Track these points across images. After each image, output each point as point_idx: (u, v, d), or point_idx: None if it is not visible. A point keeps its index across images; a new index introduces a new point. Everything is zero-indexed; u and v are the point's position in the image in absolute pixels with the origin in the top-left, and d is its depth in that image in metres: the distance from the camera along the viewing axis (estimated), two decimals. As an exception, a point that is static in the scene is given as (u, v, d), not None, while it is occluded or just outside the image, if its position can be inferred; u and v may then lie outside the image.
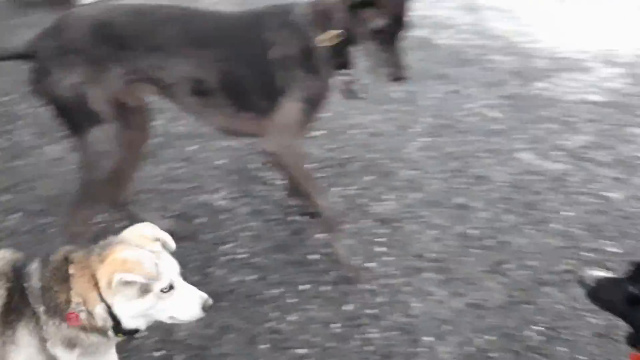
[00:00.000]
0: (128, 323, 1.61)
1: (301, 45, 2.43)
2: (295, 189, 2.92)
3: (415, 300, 2.66)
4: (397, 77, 2.45)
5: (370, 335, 2.48)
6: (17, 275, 1.62)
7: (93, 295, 1.56)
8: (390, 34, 2.39)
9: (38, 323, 1.58)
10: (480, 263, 2.88)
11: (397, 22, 2.38)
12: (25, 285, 1.60)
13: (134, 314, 1.59)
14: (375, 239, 3.04)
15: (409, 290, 2.72)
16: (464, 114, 4.52)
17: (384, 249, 2.97)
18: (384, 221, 3.15)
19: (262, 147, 2.67)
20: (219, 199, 3.33)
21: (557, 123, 4.48)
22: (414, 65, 5.60)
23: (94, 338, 1.61)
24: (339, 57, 2.50)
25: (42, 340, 1.59)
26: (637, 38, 6.97)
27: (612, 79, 5.54)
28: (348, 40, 2.45)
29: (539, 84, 5.31)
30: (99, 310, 1.56)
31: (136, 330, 1.66)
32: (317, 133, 3.90)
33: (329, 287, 2.72)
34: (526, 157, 3.92)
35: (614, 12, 8.35)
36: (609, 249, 3.02)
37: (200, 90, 2.50)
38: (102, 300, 1.56)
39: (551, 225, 3.20)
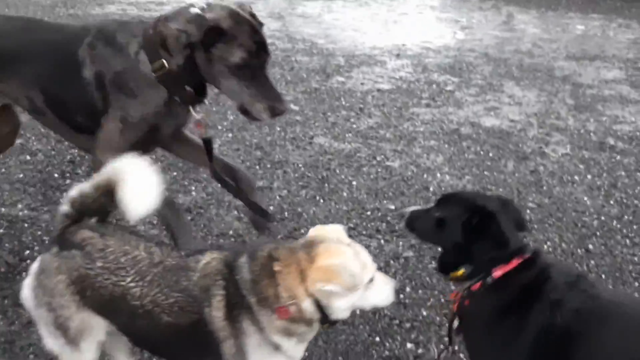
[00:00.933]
0: (337, 315, 1.65)
1: (120, 67, 2.22)
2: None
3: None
4: (279, 110, 2.21)
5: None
6: (229, 270, 1.66)
7: (301, 291, 1.59)
8: (254, 65, 2.14)
9: (253, 313, 1.61)
10: (278, 232, 3.17)
11: (259, 51, 2.14)
12: (237, 277, 1.64)
13: (344, 307, 1.63)
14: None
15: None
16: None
17: (190, 235, 3.15)
18: (188, 209, 3.33)
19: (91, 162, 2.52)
20: (19, 209, 3.28)
21: (351, 110, 4.99)
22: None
23: (302, 328, 1.65)
24: (179, 88, 2.22)
25: (261, 330, 1.62)
26: (421, 34, 7.91)
27: (400, 69, 6.26)
28: (196, 76, 2.21)
29: (338, 79, 5.84)
30: (308, 305, 1.60)
31: (337, 321, 1.70)
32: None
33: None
34: (322, 141, 4.34)
35: (402, 13, 9.37)
36: (388, 206, 3.48)
37: (36, 109, 2.44)
38: (310, 295, 1.59)
39: (340, 194, 3.60)
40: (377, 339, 2.47)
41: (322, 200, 3.52)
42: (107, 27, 2.31)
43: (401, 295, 2.73)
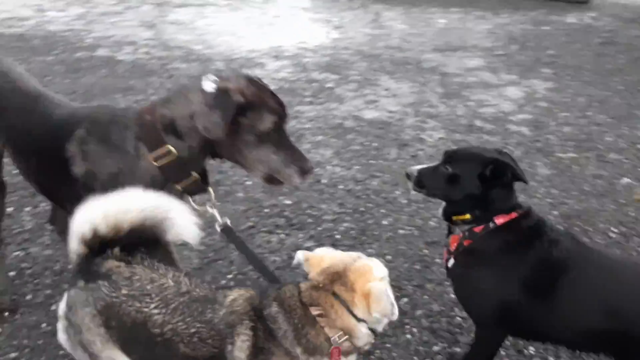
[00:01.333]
0: (382, 327, 1.70)
1: (116, 168, 1.98)
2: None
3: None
4: (307, 170, 2.06)
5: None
6: (257, 314, 1.63)
7: (351, 321, 1.61)
8: (277, 130, 2.01)
9: None
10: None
11: (282, 116, 2.02)
12: (273, 327, 1.62)
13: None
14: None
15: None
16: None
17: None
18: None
19: None
20: None
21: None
22: (100, 82, 5.76)
23: (352, 357, 1.69)
24: (184, 175, 2.03)
25: None
26: (296, 35, 8.10)
27: (280, 70, 6.39)
28: (209, 155, 2.06)
29: (220, 83, 5.85)
30: (363, 330, 1.63)
31: None
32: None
33: None
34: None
35: (275, 15, 9.53)
36: (285, 202, 3.59)
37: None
38: (360, 320, 1.62)
39: (236, 194, 3.66)
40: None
41: (218, 203, 3.54)
42: (100, 119, 2.06)
43: (306, 284, 2.85)
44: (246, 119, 1.91)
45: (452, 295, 2.77)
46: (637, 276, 1.95)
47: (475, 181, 2.00)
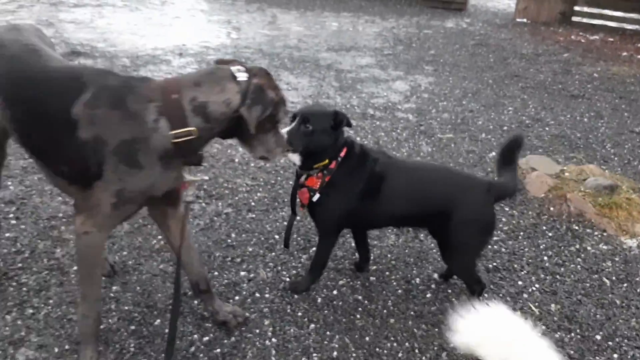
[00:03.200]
0: None
1: (130, 136, 1.97)
2: (197, 290, 2.59)
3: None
4: (288, 149, 2.45)
5: None
6: None
7: None
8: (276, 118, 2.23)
9: None
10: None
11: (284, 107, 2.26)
12: None
13: None
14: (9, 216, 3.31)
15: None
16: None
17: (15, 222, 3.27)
18: (11, 201, 3.43)
19: (73, 216, 2.20)
20: None
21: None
22: None
23: None
24: (194, 152, 2.11)
25: None
26: (198, 35, 8.42)
27: (186, 66, 6.70)
28: (220, 137, 2.19)
29: (128, 78, 6.06)
30: None
31: None
32: None
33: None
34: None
35: (175, 16, 9.77)
36: (203, 177, 3.95)
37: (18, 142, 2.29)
38: None
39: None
40: (216, 273, 2.97)
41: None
42: (111, 85, 2.03)
43: (229, 240, 3.26)
44: (272, 111, 2.14)
45: (352, 243, 3.31)
46: (428, 175, 2.81)
47: (329, 131, 2.59)
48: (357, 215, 2.73)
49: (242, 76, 2.07)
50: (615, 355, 2.63)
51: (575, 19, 11.40)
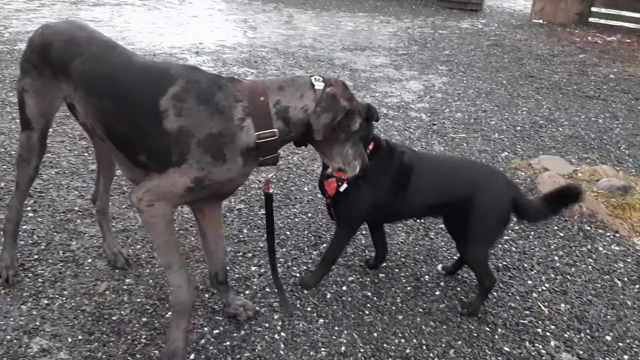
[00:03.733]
0: None
1: (217, 130, 2.06)
2: (215, 281, 2.65)
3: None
4: (365, 165, 2.36)
5: None
6: None
7: None
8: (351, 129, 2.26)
9: None
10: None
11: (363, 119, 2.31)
12: None
13: None
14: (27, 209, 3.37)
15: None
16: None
17: (32, 214, 3.34)
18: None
19: (130, 194, 2.25)
20: None
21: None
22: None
23: None
24: (272, 153, 2.19)
25: None
26: (214, 34, 8.49)
27: (202, 65, 6.75)
28: (296, 143, 2.27)
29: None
30: None
31: None
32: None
33: None
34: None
35: (192, 15, 9.86)
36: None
37: (96, 134, 2.38)
38: None
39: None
40: (228, 267, 3.00)
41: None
42: (200, 81, 2.13)
43: (241, 235, 3.30)
44: (345, 120, 2.17)
45: (363, 240, 3.32)
46: (452, 165, 3.00)
47: (362, 124, 2.56)
48: (384, 206, 2.82)
49: (319, 85, 2.16)
50: (626, 357, 2.63)
51: (592, 20, 11.30)
